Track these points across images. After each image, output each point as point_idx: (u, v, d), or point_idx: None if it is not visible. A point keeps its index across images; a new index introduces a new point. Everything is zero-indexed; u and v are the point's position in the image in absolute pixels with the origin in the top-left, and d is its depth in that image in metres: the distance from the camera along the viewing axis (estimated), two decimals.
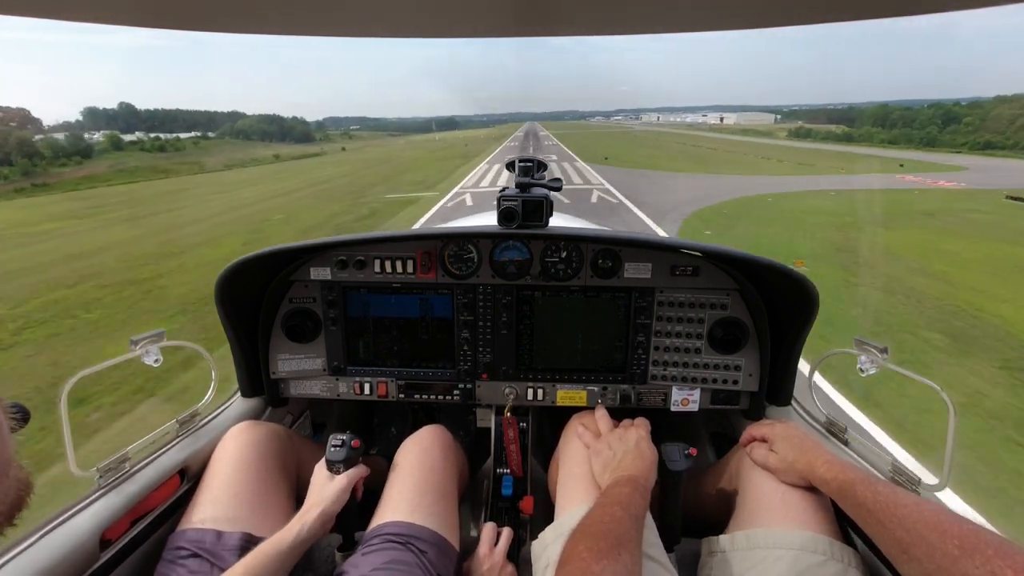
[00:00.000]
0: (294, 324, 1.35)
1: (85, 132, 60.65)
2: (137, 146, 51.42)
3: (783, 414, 1.33)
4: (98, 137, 50.92)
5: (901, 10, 0.52)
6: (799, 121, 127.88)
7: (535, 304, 1.37)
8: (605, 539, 0.75)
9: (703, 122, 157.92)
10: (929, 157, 34.31)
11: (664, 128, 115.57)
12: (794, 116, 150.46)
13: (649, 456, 1.05)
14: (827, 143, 57.74)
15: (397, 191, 18.08)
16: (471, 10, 0.55)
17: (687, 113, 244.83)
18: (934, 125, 64.65)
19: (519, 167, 1.31)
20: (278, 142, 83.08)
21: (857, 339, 1.10)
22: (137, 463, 1.05)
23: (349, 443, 1.05)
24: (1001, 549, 0.62)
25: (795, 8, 0.52)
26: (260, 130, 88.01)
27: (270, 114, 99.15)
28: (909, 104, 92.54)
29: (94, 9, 0.52)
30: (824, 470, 0.91)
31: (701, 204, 13.58)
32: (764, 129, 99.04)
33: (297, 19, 0.57)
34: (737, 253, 1.20)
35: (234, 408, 1.37)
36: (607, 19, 0.56)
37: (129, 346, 1.08)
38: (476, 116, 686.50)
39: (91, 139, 49.29)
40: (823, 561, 0.85)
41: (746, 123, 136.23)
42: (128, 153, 47.83)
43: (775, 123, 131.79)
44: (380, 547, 0.95)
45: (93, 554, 0.90)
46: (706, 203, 13.67)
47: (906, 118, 72.48)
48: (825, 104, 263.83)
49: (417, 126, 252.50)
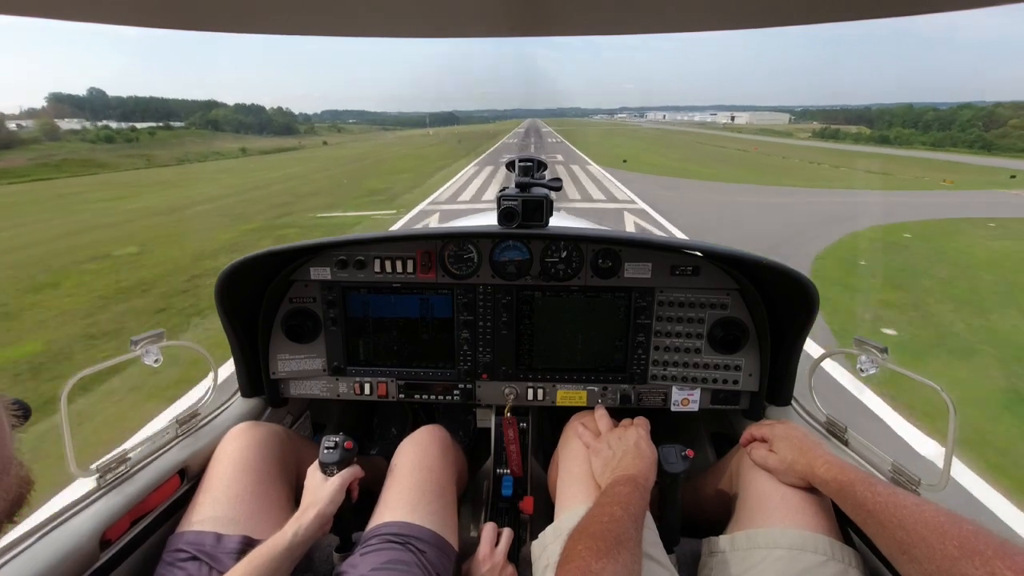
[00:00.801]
0: (294, 324, 1.35)
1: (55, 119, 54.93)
2: (79, 135, 45.58)
3: (783, 414, 1.33)
4: (28, 125, 45.12)
5: (901, 10, 0.52)
6: (813, 121, 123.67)
7: (535, 304, 1.37)
8: (604, 538, 0.75)
9: (712, 121, 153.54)
10: (1011, 164, 28.38)
11: (673, 126, 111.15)
12: (808, 116, 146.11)
13: (649, 455, 1.04)
14: (860, 145, 52.38)
15: (339, 207, 13.79)
16: (471, 10, 0.56)
17: (693, 112, 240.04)
18: (975, 128, 58.96)
19: (519, 167, 1.31)
20: (255, 134, 77.41)
21: (857, 339, 1.09)
22: (137, 463, 1.05)
23: (342, 444, 1.05)
24: (1001, 550, 0.62)
25: (796, 8, 0.53)
26: (236, 121, 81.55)
27: (249, 104, 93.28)
28: (930, 106, 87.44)
29: (94, 9, 0.53)
30: (824, 470, 0.91)
31: (824, 242, 8.14)
32: (782, 129, 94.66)
33: (297, 19, 0.58)
34: (737, 253, 1.20)
35: (234, 408, 1.36)
36: (608, 19, 0.57)
37: (129, 346, 1.07)
38: (477, 112, 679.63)
39: (23, 128, 43.45)
40: (823, 561, 0.85)
41: (760, 122, 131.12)
42: (64, 144, 42.12)
43: (790, 123, 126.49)
44: (379, 547, 0.95)
45: (93, 554, 0.89)
46: (827, 240, 8.36)
47: (942, 119, 66.79)
48: (838, 104, 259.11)
49: (416, 121, 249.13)
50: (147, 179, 24.53)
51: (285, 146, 53.54)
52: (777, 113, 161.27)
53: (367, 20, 0.59)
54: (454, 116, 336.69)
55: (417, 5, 0.54)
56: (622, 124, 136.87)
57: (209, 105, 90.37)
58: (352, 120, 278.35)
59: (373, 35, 0.63)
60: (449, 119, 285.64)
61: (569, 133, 64.74)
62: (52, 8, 0.52)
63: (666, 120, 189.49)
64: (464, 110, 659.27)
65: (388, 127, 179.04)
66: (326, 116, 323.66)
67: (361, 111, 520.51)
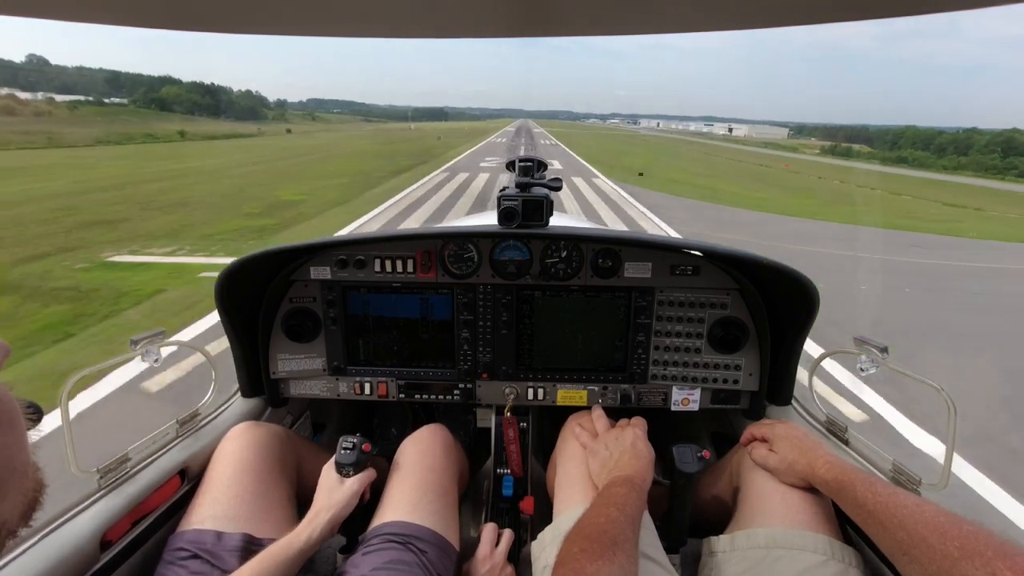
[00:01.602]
0: (294, 324, 1.34)
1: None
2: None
3: (783, 414, 1.33)
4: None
5: (902, 10, 0.51)
6: (811, 137, 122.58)
7: (535, 304, 1.36)
8: (600, 541, 0.76)
9: (709, 131, 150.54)
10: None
11: (670, 135, 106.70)
12: (805, 132, 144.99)
13: (646, 456, 1.04)
14: (876, 164, 48.83)
15: (183, 236, 8.65)
16: (471, 9, 0.55)
17: (687, 122, 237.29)
18: (995, 152, 55.92)
19: (519, 167, 1.30)
20: (209, 116, 69.58)
21: (856, 338, 1.08)
22: (137, 463, 1.05)
23: (360, 446, 1.05)
24: (1001, 550, 0.62)
25: (796, 8, 0.52)
26: (189, 101, 73.44)
27: (208, 84, 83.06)
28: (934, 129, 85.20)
29: (94, 9, 0.53)
30: (824, 471, 0.90)
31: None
32: (785, 143, 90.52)
33: (296, 19, 0.57)
34: (737, 253, 1.19)
35: (234, 408, 1.35)
36: (608, 19, 0.56)
37: (129, 346, 1.06)
38: (468, 109, 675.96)
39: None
40: (823, 561, 0.85)
41: (759, 135, 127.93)
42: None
43: (789, 137, 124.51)
44: (380, 547, 0.95)
45: (94, 555, 0.90)
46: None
47: (957, 143, 63.72)
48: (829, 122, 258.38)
49: (402, 114, 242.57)
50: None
51: (241, 132, 48.57)
52: (775, 127, 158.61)
53: (367, 20, 0.58)
54: (444, 112, 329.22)
55: (417, 6, 0.54)
56: (617, 129, 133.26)
57: (162, 81, 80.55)
58: (337, 110, 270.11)
59: (373, 35, 0.63)
60: (439, 115, 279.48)
61: (565, 136, 57.92)
62: (52, 8, 0.52)
63: (660, 128, 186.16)
64: (456, 107, 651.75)
65: (373, 119, 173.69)
66: (312, 104, 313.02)
67: (349, 101, 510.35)
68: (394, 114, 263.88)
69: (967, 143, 58.84)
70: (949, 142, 61.75)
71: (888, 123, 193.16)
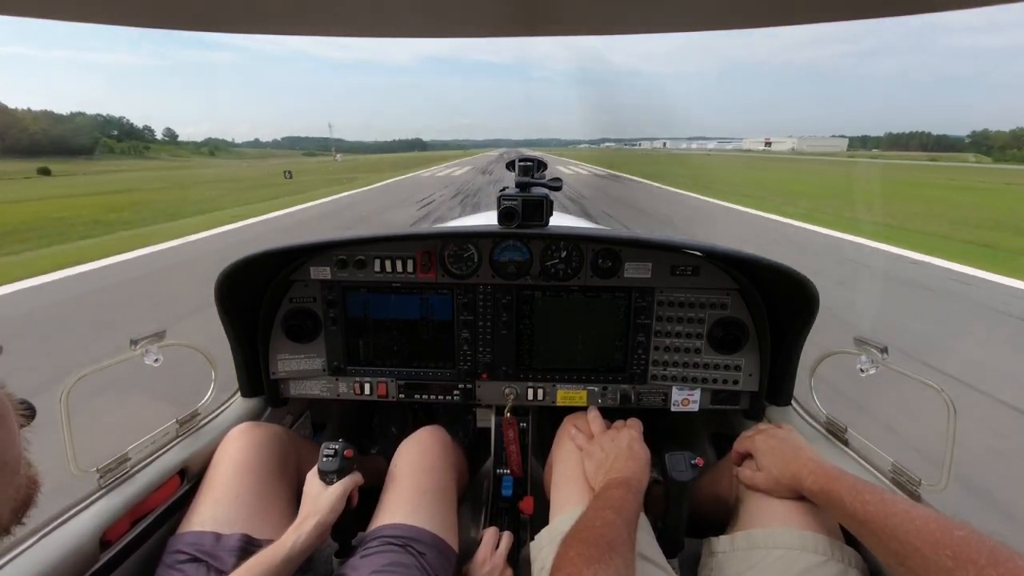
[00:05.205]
0: (294, 324, 1.35)
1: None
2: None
3: (783, 414, 1.33)
4: None
5: (902, 10, 0.52)
6: (874, 148, 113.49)
7: (535, 304, 1.37)
8: (596, 544, 0.76)
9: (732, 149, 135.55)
10: None
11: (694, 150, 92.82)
12: (866, 143, 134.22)
13: (642, 457, 1.05)
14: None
15: None
16: (471, 9, 0.56)
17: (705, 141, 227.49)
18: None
19: (519, 167, 1.31)
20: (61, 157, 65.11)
21: (856, 338, 1.09)
22: (137, 463, 1.06)
23: (342, 452, 1.05)
24: (993, 556, 0.63)
25: (796, 8, 0.53)
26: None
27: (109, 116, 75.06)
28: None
29: (94, 9, 0.53)
30: (811, 482, 0.90)
31: None
32: (848, 157, 70.24)
33: (295, 19, 0.58)
34: (737, 253, 1.20)
35: (234, 408, 1.37)
36: (608, 19, 0.57)
37: (129, 346, 1.07)
38: (453, 140, 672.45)
39: None
40: (823, 561, 0.86)
41: (812, 148, 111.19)
42: None
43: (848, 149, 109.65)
44: (379, 549, 0.95)
45: (93, 555, 0.90)
46: None
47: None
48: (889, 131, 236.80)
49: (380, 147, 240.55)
50: None
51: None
52: (827, 140, 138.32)
53: (366, 19, 0.59)
54: (422, 143, 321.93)
55: (417, 4, 0.54)
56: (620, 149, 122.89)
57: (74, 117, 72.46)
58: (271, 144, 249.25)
59: (372, 35, 0.64)
60: (417, 146, 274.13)
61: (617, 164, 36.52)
62: (52, 8, 0.52)
63: (667, 147, 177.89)
64: (440, 139, 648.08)
65: (312, 151, 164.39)
66: (213, 141, 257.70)
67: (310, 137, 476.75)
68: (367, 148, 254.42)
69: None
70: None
71: (949, 132, 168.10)
